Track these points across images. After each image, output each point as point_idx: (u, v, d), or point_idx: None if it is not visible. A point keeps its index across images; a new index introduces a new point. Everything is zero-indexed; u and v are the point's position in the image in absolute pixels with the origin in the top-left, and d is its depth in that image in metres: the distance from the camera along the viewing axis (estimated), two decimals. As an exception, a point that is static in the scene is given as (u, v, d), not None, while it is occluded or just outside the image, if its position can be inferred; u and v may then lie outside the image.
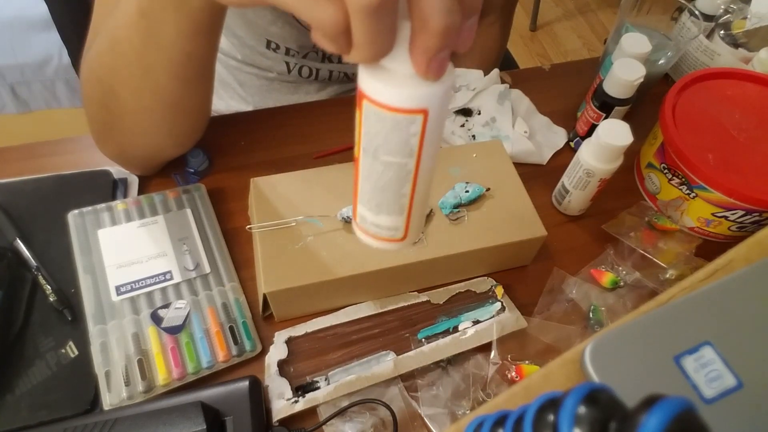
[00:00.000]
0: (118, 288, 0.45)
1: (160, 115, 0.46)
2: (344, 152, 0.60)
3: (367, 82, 0.21)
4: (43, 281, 0.46)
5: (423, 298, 0.49)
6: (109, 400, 0.41)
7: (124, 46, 0.41)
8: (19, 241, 0.48)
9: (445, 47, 0.20)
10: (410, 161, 0.24)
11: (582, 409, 0.19)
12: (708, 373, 0.31)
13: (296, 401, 0.42)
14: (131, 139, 0.49)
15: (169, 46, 0.40)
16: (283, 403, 0.42)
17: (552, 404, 0.20)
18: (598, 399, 0.19)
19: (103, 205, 0.50)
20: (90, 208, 0.49)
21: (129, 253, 0.47)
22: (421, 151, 0.23)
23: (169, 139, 0.50)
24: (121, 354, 0.42)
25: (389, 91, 0.21)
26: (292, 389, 0.43)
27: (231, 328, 0.45)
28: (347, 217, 0.46)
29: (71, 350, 0.44)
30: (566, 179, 0.54)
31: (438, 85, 0.21)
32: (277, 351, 0.45)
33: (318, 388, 0.43)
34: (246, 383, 0.41)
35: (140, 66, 0.41)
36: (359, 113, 0.23)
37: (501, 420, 0.25)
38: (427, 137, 0.23)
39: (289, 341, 0.46)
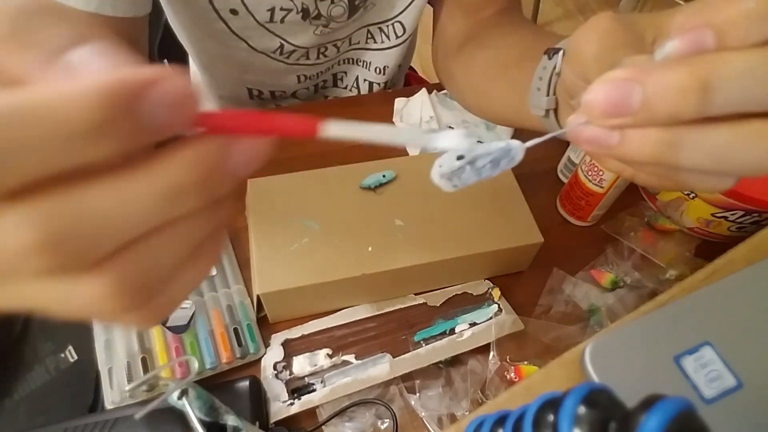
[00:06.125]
0: (124, 286, 0.45)
1: None
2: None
3: None
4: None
5: (420, 300, 0.49)
6: (111, 397, 0.41)
7: None
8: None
9: None
10: None
11: (582, 409, 0.19)
12: (708, 373, 0.31)
13: (292, 403, 0.42)
14: None
15: None
16: (279, 405, 0.42)
17: (552, 404, 0.20)
18: (598, 399, 0.19)
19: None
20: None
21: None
22: None
23: None
24: (125, 351, 0.42)
25: None
26: (287, 391, 0.43)
27: (235, 330, 0.45)
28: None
29: (70, 355, 0.43)
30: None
31: None
32: (274, 353, 0.45)
33: (314, 390, 0.43)
34: (246, 383, 0.41)
35: None
36: None
37: (501, 420, 0.25)
38: None
39: (285, 343, 0.46)
